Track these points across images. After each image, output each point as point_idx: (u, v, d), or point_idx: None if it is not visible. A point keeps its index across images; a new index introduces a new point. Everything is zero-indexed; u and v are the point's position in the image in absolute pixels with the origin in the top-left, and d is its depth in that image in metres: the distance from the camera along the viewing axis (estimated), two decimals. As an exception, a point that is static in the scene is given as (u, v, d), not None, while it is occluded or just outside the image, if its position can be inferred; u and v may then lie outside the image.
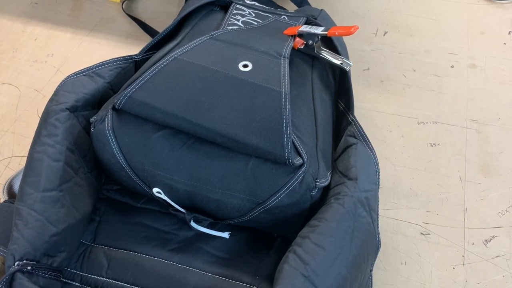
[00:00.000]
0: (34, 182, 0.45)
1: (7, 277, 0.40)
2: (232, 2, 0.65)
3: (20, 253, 0.42)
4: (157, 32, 0.79)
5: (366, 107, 0.70)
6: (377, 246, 0.47)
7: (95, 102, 0.54)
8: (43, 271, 0.43)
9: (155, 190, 0.48)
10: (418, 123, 0.68)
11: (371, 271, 0.48)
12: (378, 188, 0.50)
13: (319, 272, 0.39)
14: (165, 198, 0.49)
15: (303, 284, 0.39)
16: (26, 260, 0.42)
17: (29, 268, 0.42)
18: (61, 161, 0.47)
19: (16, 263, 0.42)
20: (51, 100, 0.51)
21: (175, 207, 0.50)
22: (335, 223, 0.43)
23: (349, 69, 0.59)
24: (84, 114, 0.52)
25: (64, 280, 0.48)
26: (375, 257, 0.48)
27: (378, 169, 0.51)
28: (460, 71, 0.75)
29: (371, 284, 0.49)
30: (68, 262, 0.48)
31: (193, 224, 0.50)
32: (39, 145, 0.47)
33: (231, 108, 0.47)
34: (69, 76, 0.54)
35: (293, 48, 0.57)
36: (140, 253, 0.49)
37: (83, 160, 0.50)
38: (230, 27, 0.59)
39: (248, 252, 0.50)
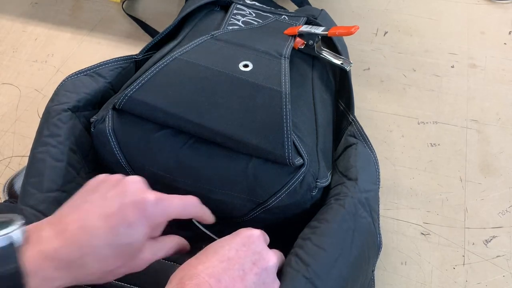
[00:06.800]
0: (37, 183, 0.45)
1: None
2: (233, 2, 0.65)
3: None
4: (157, 32, 0.79)
5: (366, 107, 0.70)
6: (378, 246, 0.47)
7: (96, 102, 0.54)
8: None
9: None
10: (418, 123, 0.68)
11: (373, 271, 0.48)
12: (379, 188, 0.50)
13: (320, 274, 0.39)
14: None
15: (305, 286, 0.39)
16: None
17: None
18: (64, 162, 0.47)
19: None
20: (52, 100, 0.51)
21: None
22: (336, 224, 0.43)
23: (350, 69, 0.59)
24: (85, 114, 0.52)
25: None
26: (377, 257, 0.48)
27: (378, 169, 0.51)
28: (460, 71, 0.75)
29: (373, 284, 0.49)
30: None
31: (194, 223, 0.50)
32: (41, 146, 0.47)
33: (232, 108, 0.47)
34: (70, 76, 0.54)
35: (293, 48, 0.57)
36: (141, 253, 0.49)
37: (85, 160, 0.50)
38: (231, 27, 0.59)
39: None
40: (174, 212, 0.40)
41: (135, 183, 0.39)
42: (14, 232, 0.33)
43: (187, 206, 0.42)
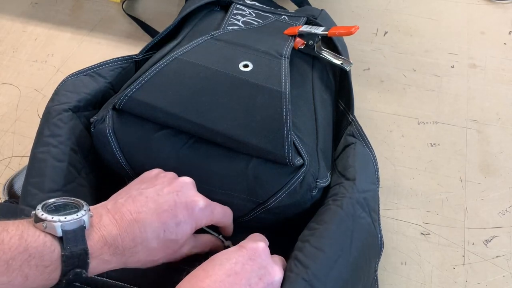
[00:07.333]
0: (38, 183, 0.45)
1: None
2: (233, 2, 0.65)
3: None
4: (157, 32, 0.79)
5: (366, 107, 0.70)
6: (380, 246, 0.47)
7: (97, 102, 0.54)
8: None
9: None
10: (418, 123, 0.68)
11: (375, 271, 0.48)
12: (378, 188, 0.50)
13: (320, 276, 0.39)
14: None
15: None
16: None
17: None
18: (65, 162, 0.47)
19: None
20: (52, 99, 0.51)
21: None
22: (335, 225, 0.43)
23: (350, 69, 0.59)
24: (86, 114, 0.52)
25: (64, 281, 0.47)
26: (379, 257, 0.48)
27: (377, 168, 0.51)
28: (460, 71, 0.75)
29: (377, 284, 0.49)
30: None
31: None
32: (42, 146, 0.47)
33: (232, 108, 0.47)
34: (70, 76, 0.54)
35: (293, 48, 0.57)
36: (141, 253, 0.49)
37: (85, 160, 0.50)
38: (231, 27, 0.59)
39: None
40: (216, 218, 0.43)
41: (188, 184, 0.43)
42: (84, 216, 0.36)
43: (226, 215, 0.45)
